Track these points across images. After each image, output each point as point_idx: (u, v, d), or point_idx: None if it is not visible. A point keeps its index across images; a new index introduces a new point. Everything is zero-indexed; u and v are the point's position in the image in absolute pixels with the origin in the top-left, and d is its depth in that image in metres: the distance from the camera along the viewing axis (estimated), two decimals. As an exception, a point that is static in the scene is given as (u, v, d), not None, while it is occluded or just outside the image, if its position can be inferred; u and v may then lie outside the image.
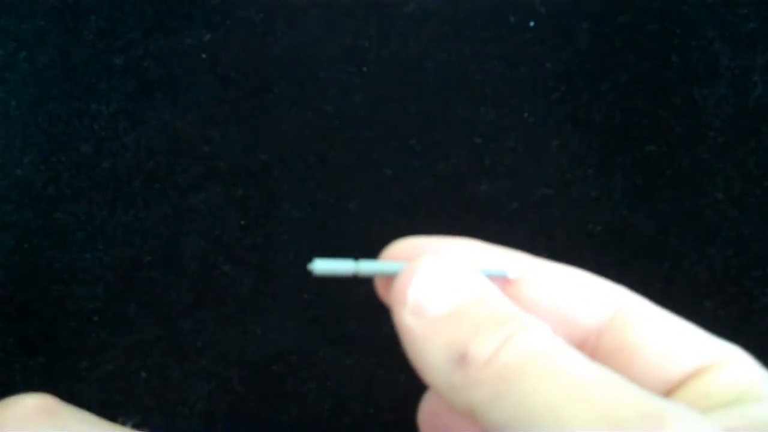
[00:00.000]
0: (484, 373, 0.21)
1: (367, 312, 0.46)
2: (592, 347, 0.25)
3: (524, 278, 0.25)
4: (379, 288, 0.27)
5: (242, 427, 0.24)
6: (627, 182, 0.48)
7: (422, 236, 0.26)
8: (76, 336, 0.46)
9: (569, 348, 0.21)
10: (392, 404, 0.45)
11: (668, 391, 0.24)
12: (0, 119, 0.51)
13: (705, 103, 0.50)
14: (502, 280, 0.25)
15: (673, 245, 0.47)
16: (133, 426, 0.26)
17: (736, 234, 0.47)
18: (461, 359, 0.22)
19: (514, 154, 0.49)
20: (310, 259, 0.26)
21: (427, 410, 0.28)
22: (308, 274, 0.28)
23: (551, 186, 0.49)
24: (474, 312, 0.23)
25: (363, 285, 0.47)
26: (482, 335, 0.22)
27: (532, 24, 0.52)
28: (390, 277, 0.25)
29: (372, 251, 0.48)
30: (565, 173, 0.49)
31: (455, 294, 0.23)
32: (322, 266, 0.26)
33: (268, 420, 0.25)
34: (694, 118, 0.50)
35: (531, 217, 0.48)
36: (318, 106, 0.51)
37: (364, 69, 0.51)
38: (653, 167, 0.49)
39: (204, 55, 0.52)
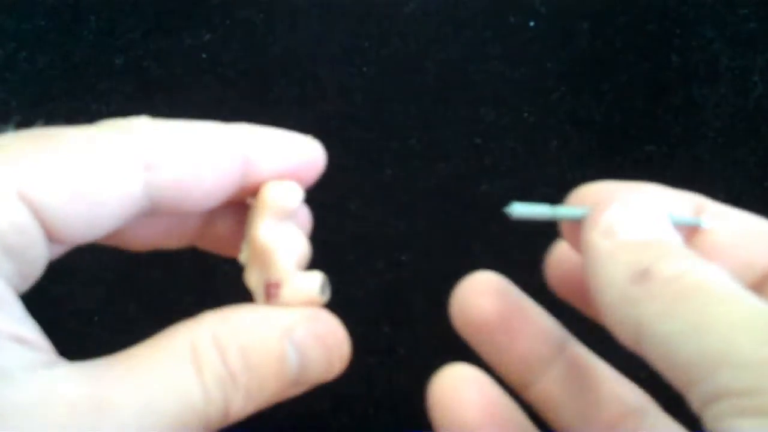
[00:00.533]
0: (664, 288, 0.21)
1: (367, 312, 0.46)
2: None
3: (713, 226, 0.26)
4: (565, 232, 0.28)
5: (242, 427, 0.24)
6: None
7: (610, 182, 0.28)
8: (76, 336, 0.46)
9: (747, 289, 0.22)
10: (392, 404, 0.45)
11: None
12: (0, 119, 0.51)
13: (705, 103, 0.50)
14: (693, 228, 0.26)
15: (673, 245, 0.47)
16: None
17: (736, 234, 0.47)
18: (643, 275, 0.22)
19: (514, 154, 0.49)
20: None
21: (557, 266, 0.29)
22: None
23: (551, 186, 0.49)
24: (662, 245, 0.24)
25: (363, 286, 0.47)
26: (668, 258, 0.22)
27: (532, 24, 0.52)
28: (578, 223, 0.26)
29: (372, 251, 0.48)
30: (565, 173, 0.49)
31: (646, 227, 0.24)
32: (519, 210, 0.27)
33: (267, 420, 0.25)
34: (694, 118, 0.50)
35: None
36: (318, 106, 0.51)
37: (364, 69, 0.52)
38: (653, 167, 0.49)
39: (204, 55, 0.52)
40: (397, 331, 0.46)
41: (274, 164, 0.27)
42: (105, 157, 0.23)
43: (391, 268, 0.47)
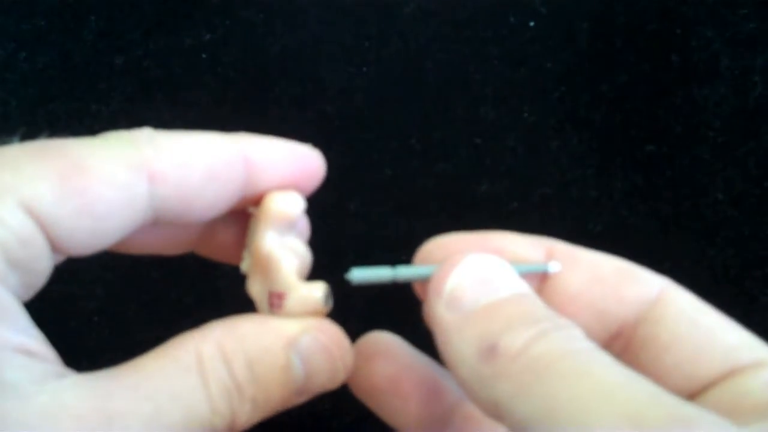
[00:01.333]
0: (512, 366, 0.21)
1: (367, 312, 0.46)
2: (628, 338, 0.25)
3: (563, 271, 0.26)
4: (418, 290, 0.28)
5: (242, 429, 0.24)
6: (627, 182, 0.48)
7: (456, 234, 0.27)
8: (76, 336, 0.46)
9: (600, 351, 0.21)
10: (392, 404, 0.45)
11: (699, 390, 0.23)
12: (0, 119, 0.51)
13: (705, 103, 0.50)
14: (541, 275, 0.26)
15: (673, 245, 0.47)
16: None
17: (736, 234, 0.47)
18: (491, 351, 0.22)
19: (514, 154, 0.49)
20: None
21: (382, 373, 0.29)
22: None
23: (551, 186, 0.49)
24: (508, 309, 0.23)
25: (363, 286, 0.47)
26: (514, 330, 0.22)
27: (532, 24, 0.52)
28: (427, 281, 0.26)
29: (372, 251, 0.48)
30: (565, 173, 0.49)
31: (491, 291, 0.23)
32: (359, 275, 0.26)
33: (267, 420, 0.25)
34: (694, 118, 0.50)
35: (531, 217, 0.48)
36: (318, 106, 0.51)
37: (364, 69, 0.52)
38: (653, 167, 0.49)
39: (204, 55, 0.52)
40: (397, 331, 0.46)
41: (276, 174, 0.27)
42: (110, 170, 0.24)
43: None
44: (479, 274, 0.24)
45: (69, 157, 0.23)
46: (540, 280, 0.26)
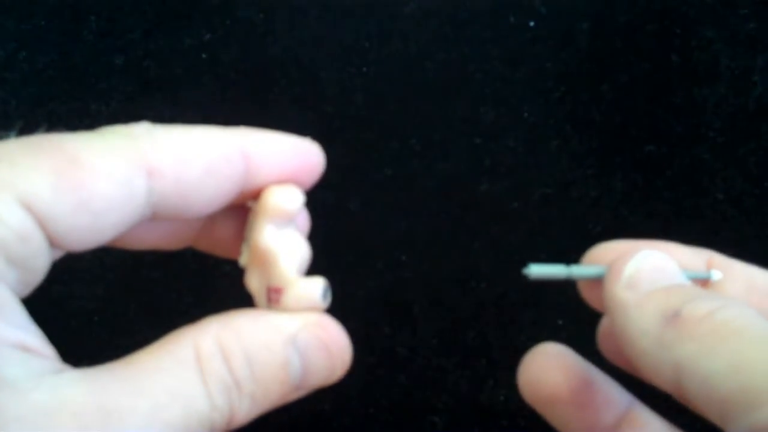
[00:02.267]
0: (698, 327, 0.22)
1: (367, 312, 0.46)
2: None
3: (722, 281, 0.27)
4: (583, 290, 0.29)
5: (242, 427, 0.24)
6: (627, 182, 0.48)
7: (624, 240, 0.28)
8: (76, 336, 0.46)
9: None
10: (392, 404, 0.45)
11: None
12: (0, 119, 0.51)
13: (705, 103, 0.50)
14: (704, 282, 0.27)
15: (673, 245, 0.47)
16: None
17: (736, 234, 0.47)
18: (674, 317, 0.23)
19: (514, 154, 0.49)
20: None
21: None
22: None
23: (551, 186, 0.49)
24: (686, 289, 0.24)
25: (363, 286, 0.47)
26: (697, 300, 0.23)
27: (532, 24, 0.52)
28: (595, 281, 0.27)
29: (372, 251, 0.48)
30: (565, 173, 0.49)
31: (667, 277, 0.25)
32: (537, 271, 0.27)
33: (268, 420, 0.25)
34: (694, 118, 0.50)
35: (531, 217, 0.48)
36: (318, 106, 0.51)
37: (364, 69, 0.51)
38: (653, 167, 0.49)
39: (204, 55, 0.52)
40: (397, 331, 0.46)
41: (275, 168, 0.27)
42: (108, 165, 0.23)
43: (391, 268, 0.47)
44: (655, 263, 0.25)
45: (66, 152, 0.23)
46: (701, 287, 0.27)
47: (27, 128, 0.51)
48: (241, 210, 0.28)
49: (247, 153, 0.26)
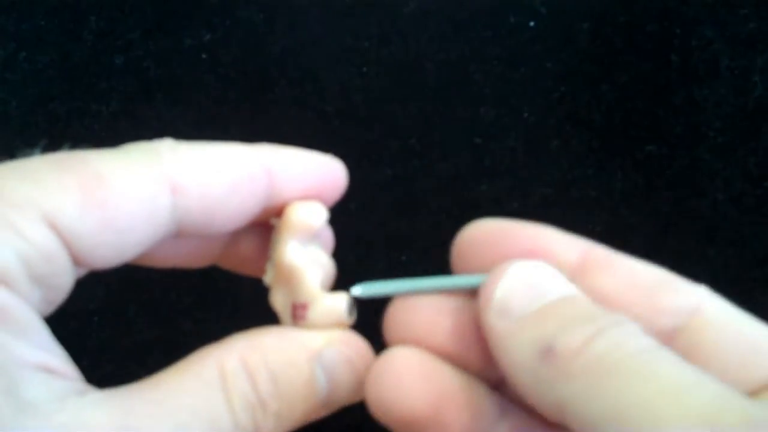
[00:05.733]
0: (573, 365, 0.21)
1: (367, 312, 0.46)
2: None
3: (600, 275, 0.25)
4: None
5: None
6: (627, 182, 0.48)
7: (494, 221, 0.27)
8: (76, 336, 0.46)
9: (663, 348, 0.21)
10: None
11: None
12: (0, 119, 0.51)
13: (705, 103, 0.50)
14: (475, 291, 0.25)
15: (673, 245, 0.47)
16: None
17: (736, 234, 0.47)
18: (547, 352, 0.21)
19: (514, 154, 0.49)
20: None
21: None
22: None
23: (551, 186, 0.49)
24: (559, 311, 0.23)
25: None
26: (570, 329, 0.22)
27: (532, 24, 0.52)
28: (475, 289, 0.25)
29: (372, 251, 0.48)
30: (565, 173, 0.49)
31: (539, 295, 0.23)
32: (366, 291, 0.27)
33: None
34: (694, 118, 0.50)
35: (531, 217, 0.48)
36: (318, 106, 0.51)
37: (364, 69, 0.51)
38: (653, 167, 0.49)
39: (204, 55, 0.52)
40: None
41: (298, 185, 0.27)
42: (132, 183, 0.23)
43: (391, 268, 0.47)
44: (527, 280, 0.24)
45: (91, 170, 0.23)
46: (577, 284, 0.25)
47: (27, 128, 0.51)
48: (265, 228, 0.28)
49: (270, 170, 0.26)
